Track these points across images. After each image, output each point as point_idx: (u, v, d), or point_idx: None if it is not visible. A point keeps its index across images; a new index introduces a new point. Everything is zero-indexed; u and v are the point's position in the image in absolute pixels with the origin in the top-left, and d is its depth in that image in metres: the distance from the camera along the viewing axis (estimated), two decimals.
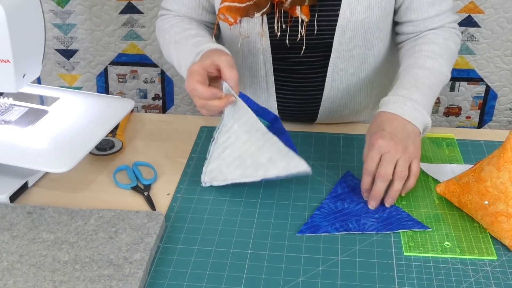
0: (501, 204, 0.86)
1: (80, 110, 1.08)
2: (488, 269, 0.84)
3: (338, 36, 1.10)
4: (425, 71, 1.05)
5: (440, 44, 1.10)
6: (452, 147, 1.10)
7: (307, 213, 0.94)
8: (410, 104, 0.98)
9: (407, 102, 0.98)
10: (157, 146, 1.12)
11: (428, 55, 1.08)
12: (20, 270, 0.81)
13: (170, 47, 1.14)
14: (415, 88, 1.01)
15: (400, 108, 0.98)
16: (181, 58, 1.08)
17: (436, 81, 1.06)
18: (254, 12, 1.06)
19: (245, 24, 1.10)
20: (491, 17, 1.79)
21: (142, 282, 0.80)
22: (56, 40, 1.90)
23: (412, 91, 1.00)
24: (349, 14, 1.07)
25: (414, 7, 1.12)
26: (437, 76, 1.07)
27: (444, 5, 1.13)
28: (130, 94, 1.99)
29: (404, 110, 0.98)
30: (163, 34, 1.18)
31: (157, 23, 1.22)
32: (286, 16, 1.08)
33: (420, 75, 1.04)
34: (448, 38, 1.12)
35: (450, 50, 1.12)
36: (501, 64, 1.85)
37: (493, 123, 1.96)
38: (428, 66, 1.06)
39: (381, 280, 0.82)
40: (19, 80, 1.00)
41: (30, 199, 0.98)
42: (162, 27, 1.19)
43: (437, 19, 1.13)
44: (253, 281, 0.81)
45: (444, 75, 1.09)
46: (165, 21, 1.19)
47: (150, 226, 0.88)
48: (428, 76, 1.05)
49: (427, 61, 1.07)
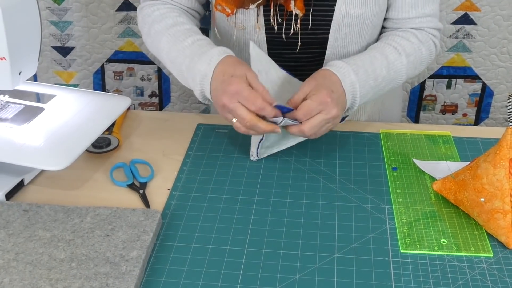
0: (497, 201, 0.86)
1: (77, 107, 1.07)
2: (484, 266, 0.84)
3: (333, 32, 1.10)
4: (384, 61, 1.06)
5: (413, 44, 1.10)
6: (449, 144, 1.10)
7: (304, 211, 0.94)
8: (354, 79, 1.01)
9: (353, 77, 1.01)
10: (154, 143, 1.11)
11: (396, 47, 1.08)
12: (16, 268, 0.80)
13: (161, 38, 1.09)
14: (363, 70, 1.03)
15: (348, 76, 1.01)
16: (179, 53, 1.05)
17: (388, 75, 1.07)
18: (250, 3, 1.06)
19: (241, 16, 1.10)
20: (487, 15, 1.79)
21: (139, 280, 0.80)
22: (53, 38, 1.90)
23: (360, 71, 1.03)
24: (345, 10, 1.07)
25: (396, 5, 1.11)
26: (392, 71, 1.07)
27: (427, 9, 1.11)
28: (127, 91, 1.99)
29: (347, 80, 1.00)
30: (150, 22, 1.12)
31: (142, 10, 1.15)
32: (282, 10, 1.08)
33: (377, 60, 1.06)
34: (423, 42, 1.11)
35: (419, 55, 1.11)
36: (497, 62, 1.86)
37: (490, 120, 1.97)
38: (390, 58, 1.07)
39: (377, 277, 0.82)
40: (15, 77, 1.00)
41: (26, 196, 0.98)
42: (150, 14, 1.12)
43: (417, 21, 1.12)
44: (250, 279, 0.81)
45: (400, 75, 1.09)
46: (153, 8, 1.13)
47: (147, 223, 0.88)
48: (383, 66, 1.06)
49: (392, 52, 1.08)
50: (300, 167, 1.03)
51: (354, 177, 1.01)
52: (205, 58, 1.00)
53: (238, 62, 0.99)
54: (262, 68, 1.01)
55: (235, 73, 0.96)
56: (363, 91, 1.02)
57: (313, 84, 0.98)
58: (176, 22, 1.10)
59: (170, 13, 1.12)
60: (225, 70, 0.98)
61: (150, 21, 1.13)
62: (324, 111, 0.96)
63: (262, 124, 0.94)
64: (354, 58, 1.06)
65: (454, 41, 1.84)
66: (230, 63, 0.99)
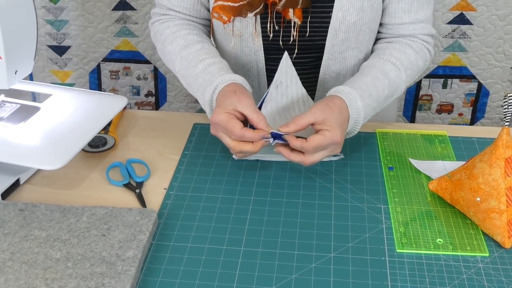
0: (493, 200, 0.87)
1: (73, 106, 1.07)
2: (480, 265, 0.84)
3: (330, 38, 1.10)
4: (385, 81, 1.06)
5: (410, 56, 1.10)
6: (445, 144, 1.11)
7: (300, 210, 0.94)
8: (358, 107, 1.00)
9: (359, 103, 1.00)
10: (150, 143, 1.11)
11: (395, 63, 1.08)
12: (11, 268, 0.80)
13: (175, 60, 1.10)
14: (368, 94, 1.02)
15: (354, 102, 0.99)
16: (192, 80, 1.07)
17: (389, 93, 1.07)
18: (247, 12, 1.06)
19: (238, 23, 1.10)
20: (483, 15, 1.79)
21: (135, 279, 0.80)
22: (49, 37, 1.89)
23: (365, 96, 1.02)
24: (342, 16, 1.07)
25: (390, 11, 1.11)
26: (393, 89, 1.07)
27: (421, 15, 1.11)
28: (123, 90, 1.99)
29: (354, 106, 0.99)
30: (162, 41, 1.14)
31: (153, 25, 1.18)
32: (279, 17, 1.08)
33: (379, 82, 1.05)
34: (418, 53, 1.11)
35: (416, 67, 1.12)
36: (493, 62, 1.86)
37: (485, 120, 1.97)
38: (391, 76, 1.07)
39: (374, 277, 0.82)
40: (11, 76, 1.00)
41: (22, 196, 0.98)
42: (162, 32, 1.14)
43: (411, 27, 1.12)
44: (246, 278, 0.81)
45: (400, 90, 1.10)
46: (164, 25, 1.14)
47: (143, 223, 0.88)
48: (385, 86, 1.05)
49: (392, 70, 1.07)
50: (296, 167, 1.03)
51: (350, 177, 1.02)
52: (211, 87, 1.01)
53: (232, 92, 0.98)
54: (285, 81, 1.01)
55: (222, 103, 0.97)
56: (366, 116, 1.02)
57: (327, 115, 0.95)
58: (187, 42, 1.10)
59: (180, 31, 1.12)
60: (218, 100, 0.99)
61: (162, 39, 1.14)
62: (330, 149, 0.95)
63: (248, 147, 0.94)
64: (358, 81, 1.04)
65: (450, 41, 1.85)
66: (226, 92, 0.99)
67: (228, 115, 0.94)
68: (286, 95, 1.03)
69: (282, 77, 1.01)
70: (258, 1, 1.05)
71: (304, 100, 1.04)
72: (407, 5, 1.10)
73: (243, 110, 0.95)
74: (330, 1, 1.07)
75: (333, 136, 0.94)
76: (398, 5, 1.10)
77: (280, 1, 1.04)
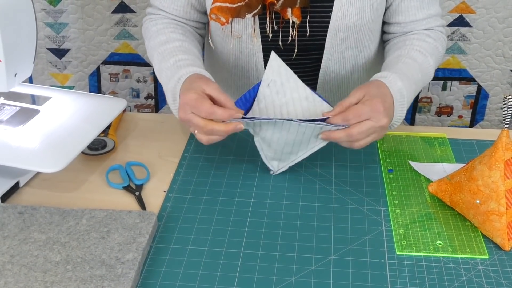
0: (492, 203, 0.87)
1: (72, 109, 1.07)
2: (480, 268, 0.84)
3: (330, 38, 1.10)
4: (416, 65, 1.06)
5: (430, 43, 1.11)
6: (444, 146, 1.11)
7: (300, 212, 0.94)
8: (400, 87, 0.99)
9: (399, 83, 0.99)
10: (150, 145, 1.11)
11: (419, 50, 1.09)
12: (11, 271, 0.80)
13: (153, 55, 1.12)
14: (405, 77, 1.01)
15: (395, 84, 0.98)
16: (162, 73, 1.07)
17: (422, 77, 1.07)
18: (246, 13, 1.06)
19: (236, 25, 1.10)
20: (482, 17, 1.79)
21: (134, 282, 0.80)
22: (48, 39, 1.89)
23: (403, 79, 1.01)
24: (341, 16, 1.07)
25: (402, 9, 1.12)
26: (424, 73, 1.07)
27: (432, 10, 1.13)
28: (123, 93, 1.99)
29: (395, 87, 0.98)
30: (148, 37, 1.16)
31: (144, 22, 1.21)
32: (278, 18, 1.08)
33: (411, 66, 1.05)
34: (437, 40, 1.13)
35: (437, 52, 1.12)
36: (492, 64, 1.86)
37: (485, 122, 1.97)
38: (419, 60, 1.07)
39: (373, 279, 0.82)
40: (11, 79, 1.00)
41: (22, 199, 0.98)
42: (149, 29, 1.16)
43: (425, 22, 1.13)
44: (246, 281, 0.81)
45: (429, 75, 1.10)
46: (152, 23, 1.17)
47: (143, 226, 0.88)
48: (417, 70, 1.05)
49: (419, 55, 1.08)
50: (296, 169, 1.03)
51: (350, 179, 1.02)
52: (176, 76, 1.01)
53: (198, 78, 0.98)
54: (279, 79, 0.99)
55: (189, 86, 0.96)
56: (409, 99, 1.01)
57: (366, 91, 0.95)
58: (168, 39, 1.11)
59: (165, 29, 1.13)
60: (185, 87, 0.98)
61: (148, 36, 1.16)
62: (374, 119, 0.93)
63: (219, 126, 0.92)
64: (391, 67, 1.04)
65: (450, 43, 1.85)
66: (192, 78, 0.99)
67: (197, 94, 0.94)
68: (283, 93, 1.01)
69: (274, 76, 0.99)
70: (256, 2, 1.05)
71: (307, 95, 1.03)
72: (419, 2, 1.11)
73: (211, 92, 0.94)
74: (330, 1, 1.07)
75: (373, 103, 0.93)
76: (410, 3, 1.11)
77: (278, 1, 1.04)
